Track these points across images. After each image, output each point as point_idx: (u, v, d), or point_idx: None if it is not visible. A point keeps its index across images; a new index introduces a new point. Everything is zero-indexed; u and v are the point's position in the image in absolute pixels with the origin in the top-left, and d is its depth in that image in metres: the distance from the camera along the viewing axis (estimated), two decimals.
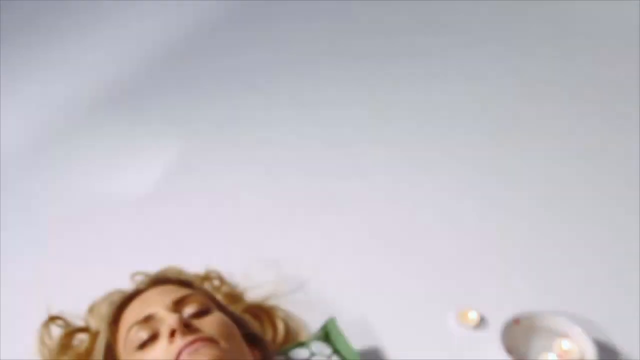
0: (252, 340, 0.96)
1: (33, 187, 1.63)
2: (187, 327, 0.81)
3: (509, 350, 1.08)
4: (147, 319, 0.85)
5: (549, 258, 1.35)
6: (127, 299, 0.93)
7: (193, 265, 1.23)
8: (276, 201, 1.54)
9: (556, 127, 1.72)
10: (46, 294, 1.18)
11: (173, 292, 0.90)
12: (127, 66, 2.13)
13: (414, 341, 1.17)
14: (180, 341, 0.79)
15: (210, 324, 0.85)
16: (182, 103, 1.94)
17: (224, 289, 1.23)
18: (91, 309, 1.14)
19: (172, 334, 0.80)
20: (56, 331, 1.11)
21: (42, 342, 1.08)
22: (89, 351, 1.03)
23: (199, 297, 0.90)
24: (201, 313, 0.87)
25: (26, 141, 1.80)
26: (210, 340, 0.80)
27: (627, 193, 1.49)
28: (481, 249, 1.38)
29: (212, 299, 0.97)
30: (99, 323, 1.09)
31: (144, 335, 0.83)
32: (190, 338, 0.79)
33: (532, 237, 1.41)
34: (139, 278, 1.16)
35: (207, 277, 1.22)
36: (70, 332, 1.09)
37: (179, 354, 0.78)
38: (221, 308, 0.95)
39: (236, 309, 1.12)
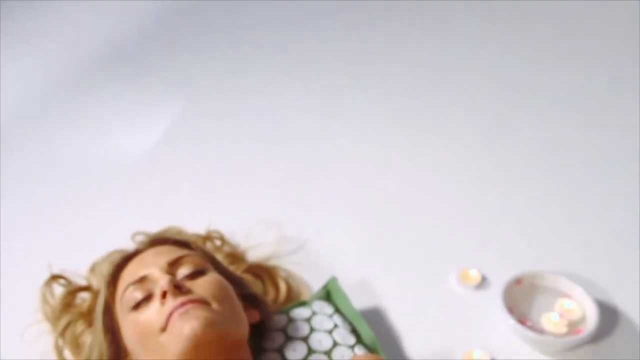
0: (251, 300, 0.96)
1: (33, 147, 1.63)
2: (178, 288, 0.80)
3: (510, 310, 1.08)
4: (142, 280, 0.85)
5: (551, 218, 1.34)
6: (125, 260, 0.92)
7: (195, 226, 1.23)
8: (278, 162, 1.53)
9: (557, 87, 1.71)
10: (48, 253, 1.19)
11: (169, 253, 0.89)
12: (128, 25, 2.10)
13: (415, 301, 1.17)
14: (171, 302, 0.79)
15: (203, 285, 0.84)
16: (184, 63, 1.92)
17: (226, 249, 1.23)
18: (92, 268, 1.14)
19: (164, 295, 0.80)
20: (58, 290, 1.11)
21: (44, 301, 1.08)
22: (91, 310, 1.04)
23: (194, 258, 0.89)
24: (196, 274, 0.86)
25: (27, 100, 1.79)
26: (201, 302, 0.80)
27: (629, 153, 1.48)
28: (483, 209, 1.37)
29: (210, 259, 0.96)
30: (100, 282, 1.09)
31: (138, 295, 0.83)
32: (180, 300, 0.79)
33: (535, 197, 1.40)
34: (140, 238, 1.16)
35: (208, 237, 1.22)
36: (73, 290, 1.10)
37: (170, 315, 0.78)
38: (219, 268, 0.95)
39: (237, 269, 1.12)
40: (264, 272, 1.16)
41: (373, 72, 1.82)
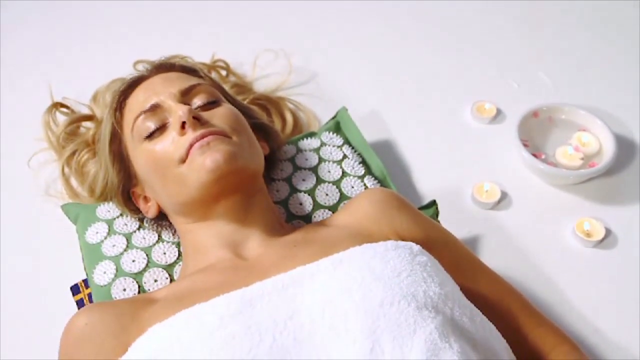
0: (261, 130, 0.93)
1: None
2: (197, 119, 0.78)
3: (525, 143, 1.06)
4: (154, 109, 0.81)
5: (570, 50, 1.29)
6: (130, 85, 0.88)
7: (200, 54, 1.18)
8: None
9: None
10: (49, 82, 1.15)
11: (179, 81, 0.85)
12: None
13: (427, 133, 1.15)
14: (190, 134, 0.76)
15: (220, 116, 0.81)
16: None
17: (232, 79, 1.19)
18: (95, 97, 1.11)
19: (183, 126, 0.77)
20: (62, 119, 1.09)
21: (48, 128, 1.07)
22: (96, 139, 1.02)
23: (207, 87, 0.85)
24: (210, 104, 0.83)
25: None
26: (221, 134, 0.77)
27: None
28: (500, 40, 1.32)
29: (219, 88, 0.92)
30: (103, 111, 1.06)
31: (151, 125, 0.80)
32: (201, 132, 0.76)
33: (553, 29, 1.33)
34: (142, 66, 1.11)
35: (213, 67, 1.18)
36: (76, 119, 1.08)
37: (190, 147, 0.76)
38: (228, 98, 0.91)
39: (244, 100, 1.09)
40: (271, 103, 1.13)
41: None
